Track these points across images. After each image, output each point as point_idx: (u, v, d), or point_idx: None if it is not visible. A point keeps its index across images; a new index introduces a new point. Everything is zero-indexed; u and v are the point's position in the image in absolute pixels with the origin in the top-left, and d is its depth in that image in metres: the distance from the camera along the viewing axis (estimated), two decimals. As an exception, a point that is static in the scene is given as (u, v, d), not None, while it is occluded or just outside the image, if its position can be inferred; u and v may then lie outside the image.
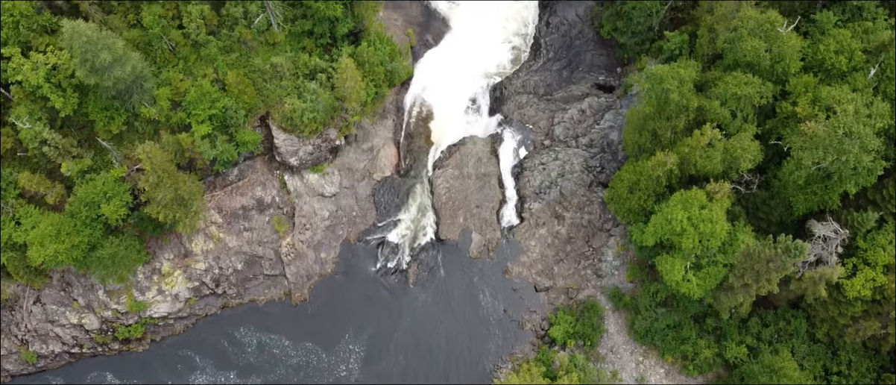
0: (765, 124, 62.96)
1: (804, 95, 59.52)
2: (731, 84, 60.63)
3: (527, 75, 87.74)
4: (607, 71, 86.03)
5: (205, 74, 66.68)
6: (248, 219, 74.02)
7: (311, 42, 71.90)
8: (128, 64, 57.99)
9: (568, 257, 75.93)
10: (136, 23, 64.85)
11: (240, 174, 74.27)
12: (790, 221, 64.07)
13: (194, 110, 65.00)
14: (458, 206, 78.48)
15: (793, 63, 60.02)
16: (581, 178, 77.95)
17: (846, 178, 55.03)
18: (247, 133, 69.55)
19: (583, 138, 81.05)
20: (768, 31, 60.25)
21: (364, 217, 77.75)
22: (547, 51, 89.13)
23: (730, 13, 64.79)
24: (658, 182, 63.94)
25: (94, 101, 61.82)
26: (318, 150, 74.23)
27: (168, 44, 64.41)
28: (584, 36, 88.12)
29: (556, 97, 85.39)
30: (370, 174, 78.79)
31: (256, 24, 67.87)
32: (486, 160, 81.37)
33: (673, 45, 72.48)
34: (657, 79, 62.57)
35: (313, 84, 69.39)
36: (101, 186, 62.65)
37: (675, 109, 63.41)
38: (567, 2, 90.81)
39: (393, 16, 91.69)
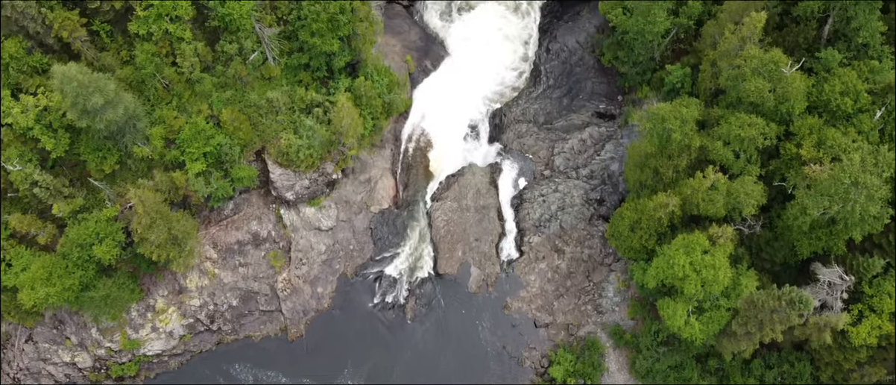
0: (768, 165, 61.88)
1: (809, 137, 58.49)
2: (734, 125, 59.57)
3: (526, 103, 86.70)
4: (608, 99, 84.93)
5: (199, 111, 65.64)
6: (243, 254, 72.95)
7: (308, 75, 70.85)
8: (120, 106, 56.95)
9: (568, 292, 74.86)
10: (130, 59, 63.80)
11: (235, 208, 73.20)
12: (794, 262, 63.04)
13: (188, 148, 63.97)
14: (457, 240, 77.41)
15: (797, 104, 58.93)
16: (581, 212, 76.87)
17: (852, 226, 53.95)
18: (242, 169, 68.50)
19: (583, 169, 79.98)
20: (772, 71, 59.17)
21: (361, 251, 76.68)
22: (547, 77, 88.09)
23: (733, 49, 63.68)
24: (660, 222, 62.91)
25: (85, 142, 60.79)
26: (315, 184, 73.18)
27: (161, 81, 63.33)
28: (585, 63, 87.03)
29: (556, 126, 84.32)
30: (368, 207, 77.72)
31: (252, 60, 66.81)
32: (485, 191, 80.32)
33: (674, 78, 71.42)
34: (659, 118, 61.51)
35: (310, 119, 68.35)
36: (93, 227, 61.62)
37: (677, 148, 62.37)
38: (567, 28, 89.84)
39: (391, 41, 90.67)
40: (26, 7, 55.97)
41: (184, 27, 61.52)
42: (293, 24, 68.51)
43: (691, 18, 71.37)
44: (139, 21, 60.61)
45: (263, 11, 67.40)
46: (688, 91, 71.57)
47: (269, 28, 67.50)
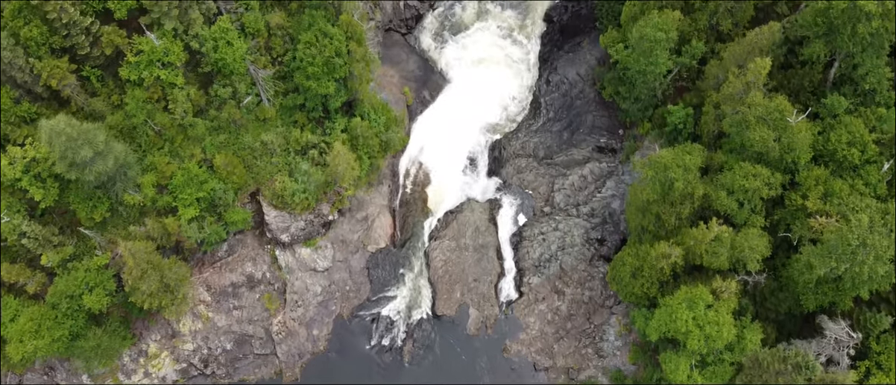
0: (773, 214, 60.55)
1: (815, 189, 57.18)
2: (738, 175, 58.27)
3: (526, 136, 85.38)
4: (609, 133, 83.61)
5: (192, 155, 64.35)
6: (237, 296, 71.62)
7: (304, 116, 69.54)
8: (110, 157, 55.59)
9: (568, 335, 73.51)
10: (121, 102, 62.46)
11: (229, 250, 71.84)
12: (799, 313, 61.70)
13: (181, 194, 62.69)
14: (455, 280, 76.08)
15: (803, 154, 57.60)
16: (582, 252, 75.52)
17: (860, 285, 52.63)
18: (236, 212, 67.23)
19: (584, 207, 78.65)
20: (777, 119, 57.86)
21: (358, 291, 75.36)
22: (547, 110, 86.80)
23: (737, 93, 62.34)
24: (661, 271, 61.57)
25: (75, 191, 59.49)
26: (311, 225, 71.85)
27: (153, 127, 62.00)
28: (585, 96, 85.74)
29: (556, 161, 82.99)
30: (364, 246, 76.39)
31: (246, 104, 65.49)
32: (484, 229, 78.99)
33: (676, 119, 70.06)
34: (661, 166, 60.23)
35: (305, 163, 67.08)
36: (82, 277, 60.34)
37: (679, 196, 61.04)
38: (567, 59, 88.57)
39: (389, 72, 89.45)
40: (14, 57, 54.70)
41: (176, 73, 60.24)
42: (288, 65, 67.32)
43: (694, 58, 70.05)
44: (130, 67, 59.36)
45: (258, 53, 66.17)
46: (690, 131, 70.26)
47: (263, 69, 66.26)
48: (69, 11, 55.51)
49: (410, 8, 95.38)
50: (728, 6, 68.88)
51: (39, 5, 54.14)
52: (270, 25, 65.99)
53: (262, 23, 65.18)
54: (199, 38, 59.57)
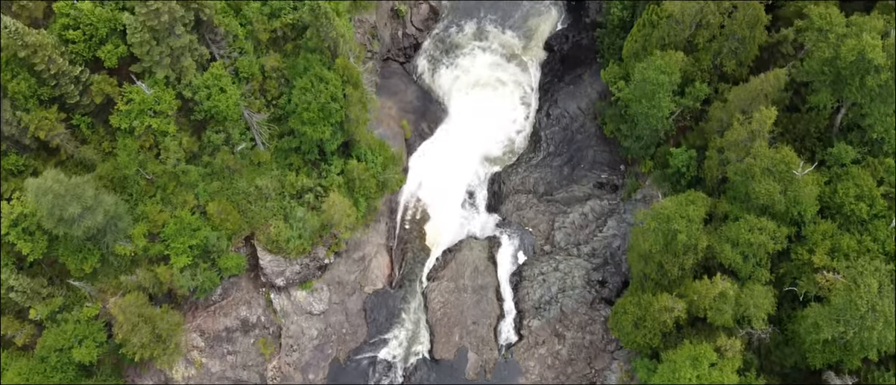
0: (779, 267, 59.20)
1: (822, 243, 55.83)
2: (743, 228, 56.91)
3: (526, 171, 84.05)
4: (610, 168, 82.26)
5: (184, 202, 62.98)
6: (231, 341, 70.26)
7: (299, 158, 68.18)
8: (99, 211, 54.24)
9: (569, 380, 72.11)
10: (112, 149, 61.09)
11: (223, 293, 70.45)
12: (805, 367, 60.30)
13: (173, 243, 61.33)
14: (454, 323, 74.73)
15: (809, 208, 56.25)
16: (583, 295, 74.16)
17: (868, 348, 51.30)
18: (230, 258, 65.89)
19: (584, 246, 77.29)
20: (783, 171, 56.51)
21: (354, 334, 73.99)
22: (547, 144, 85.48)
23: (741, 140, 61.02)
24: (664, 324, 60.23)
25: (64, 243, 58.06)
26: (307, 269, 70.50)
27: (145, 176, 60.61)
28: (586, 130, 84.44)
29: (556, 197, 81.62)
30: (361, 287, 75.05)
31: (240, 151, 64.12)
32: (483, 269, 77.63)
33: (679, 162, 68.68)
34: (664, 218, 58.94)
35: (300, 209, 65.81)
36: (72, 329, 59.05)
37: (682, 247, 59.71)
38: (568, 92, 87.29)
39: (387, 104, 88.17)
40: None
41: (168, 121, 58.85)
42: (283, 108, 66.01)
43: (697, 100, 68.73)
44: (121, 115, 57.97)
45: (252, 97, 64.84)
46: (693, 174, 68.92)
47: (257, 113, 64.97)
48: (58, 62, 54.20)
49: (409, 37, 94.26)
50: (732, 47, 67.61)
51: (27, 57, 52.75)
52: (265, 68, 64.67)
53: (256, 67, 63.87)
54: (192, 86, 58.20)
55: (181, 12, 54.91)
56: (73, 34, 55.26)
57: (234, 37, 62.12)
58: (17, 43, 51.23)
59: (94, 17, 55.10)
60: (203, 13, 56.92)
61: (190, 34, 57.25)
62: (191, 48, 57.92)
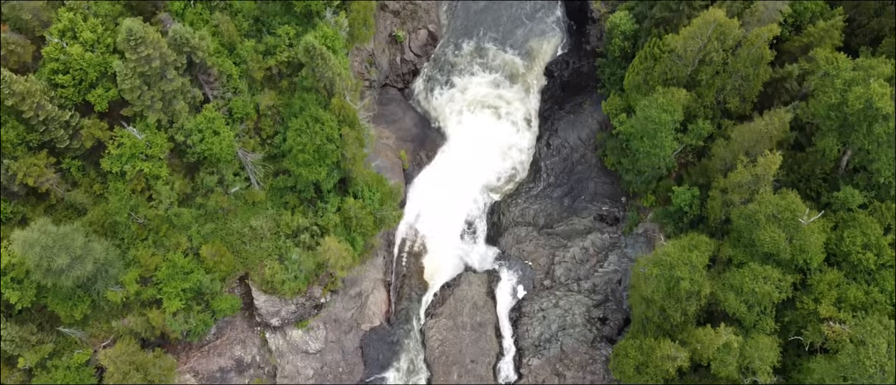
0: (783, 315, 57.93)
1: (828, 293, 54.60)
2: (747, 277, 55.70)
3: (526, 202, 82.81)
4: (611, 200, 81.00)
5: (177, 244, 61.71)
6: (226, 381, 68.96)
7: (295, 197, 66.96)
8: (88, 260, 53.03)
9: (569, 420, 70.97)
10: (103, 192, 59.85)
11: (218, 332, 69.22)
12: (811, 415, 59.12)
13: (165, 287, 60.08)
14: (452, 361, 73.48)
15: (815, 257, 55.01)
16: (583, 334, 72.94)
17: (877, 406, 50.08)
18: (224, 299, 64.65)
19: (585, 282, 76.05)
20: (788, 219, 55.26)
21: (351, 373, 72.69)
22: (547, 174, 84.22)
23: (745, 183, 59.81)
24: (667, 372, 59.01)
25: (53, 292, 56.79)
26: (302, 308, 69.28)
27: (137, 220, 59.34)
28: (587, 161, 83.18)
29: (556, 230, 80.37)
30: (358, 324, 73.79)
31: (234, 192, 62.88)
32: (482, 305, 76.38)
33: (681, 201, 67.40)
34: (667, 265, 57.73)
35: (295, 251, 64.51)
36: (62, 376, 57.83)
37: (685, 294, 58.48)
38: (569, 121, 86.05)
39: (385, 133, 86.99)
40: (-13, 160, 52.21)
41: (160, 164, 57.62)
42: (279, 146, 64.77)
43: (700, 138, 67.52)
44: (112, 159, 56.76)
45: (247, 136, 63.61)
46: (696, 213, 67.66)
47: (252, 152, 63.73)
48: (46, 108, 52.98)
49: (407, 63, 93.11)
50: (735, 84, 66.42)
51: (15, 105, 51.50)
52: (260, 107, 63.47)
53: (251, 106, 62.66)
54: (185, 130, 56.96)
55: (173, 56, 53.72)
56: (63, 79, 54.04)
57: (228, 77, 60.91)
58: (4, 92, 49.98)
59: (84, 61, 53.87)
60: (196, 56, 55.69)
61: (182, 77, 56.05)
62: (183, 91, 56.70)
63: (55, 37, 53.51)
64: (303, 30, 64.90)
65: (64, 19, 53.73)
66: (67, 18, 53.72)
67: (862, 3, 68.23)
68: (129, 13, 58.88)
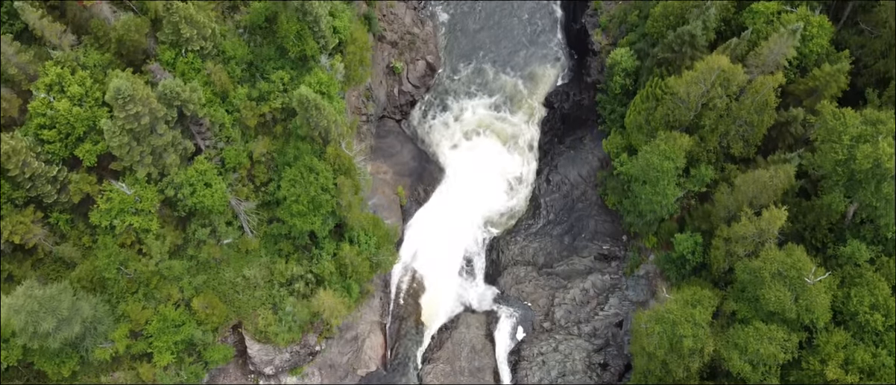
0: (789, 374, 56.53)
1: (835, 355, 53.20)
2: (752, 337, 54.32)
3: (525, 240, 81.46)
4: (612, 239, 79.61)
5: (168, 296, 60.35)
6: (219, 431, 67.71)
7: (289, 244, 65.51)
8: (76, 321, 51.72)
9: (569, 470, 69.66)
10: (93, 243, 58.44)
11: (210, 380, 67.81)
12: None
13: (156, 341, 58.73)
14: (450, 408, 72.20)
15: (822, 316, 53.62)
16: (583, 381, 71.57)
17: None
18: (216, 350, 63.31)
19: (585, 325, 74.66)
20: (794, 277, 53.86)
21: (347, 420, 71.47)
22: (547, 211, 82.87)
23: (749, 236, 58.41)
24: (669, 429, 57.76)
25: (40, 351, 55.37)
26: (297, 356, 67.91)
27: (126, 274, 57.94)
28: (587, 198, 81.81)
29: (556, 270, 78.97)
30: (354, 370, 72.38)
31: (227, 244, 61.50)
32: (480, 348, 74.97)
33: (684, 249, 65.90)
34: (669, 322, 56.39)
35: (289, 303, 63.15)
36: (49, 435, 56.54)
37: (688, 351, 57.10)
38: (569, 157, 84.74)
39: (382, 168, 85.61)
40: (-29, 221, 50.83)
41: (150, 217, 56.23)
42: (273, 194, 63.40)
43: (703, 184, 66.10)
44: (100, 213, 55.35)
45: (240, 184, 62.23)
46: (699, 260, 66.24)
47: (245, 200, 62.35)
48: (32, 165, 51.64)
49: (405, 94, 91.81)
50: (739, 130, 65.02)
51: (1, 163, 50.11)
52: (253, 155, 62.10)
53: (244, 155, 61.33)
54: (175, 184, 55.57)
55: (163, 111, 52.39)
56: (49, 134, 52.68)
57: (221, 126, 59.58)
58: (-12, 151, 48.71)
59: (72, 116, 52.51)
60: (187, 109, 54.31)
61: (173, 130, 54.70)
62: (174, 143, 55.36)
63: (42, 92, 52.15)
64: (297, 74, 63.59)
65: (51, 73, 52.38)
66: (54, 73, 52.36)
67: (868, 44, 66.99)
68: (118, 62, 57.63)
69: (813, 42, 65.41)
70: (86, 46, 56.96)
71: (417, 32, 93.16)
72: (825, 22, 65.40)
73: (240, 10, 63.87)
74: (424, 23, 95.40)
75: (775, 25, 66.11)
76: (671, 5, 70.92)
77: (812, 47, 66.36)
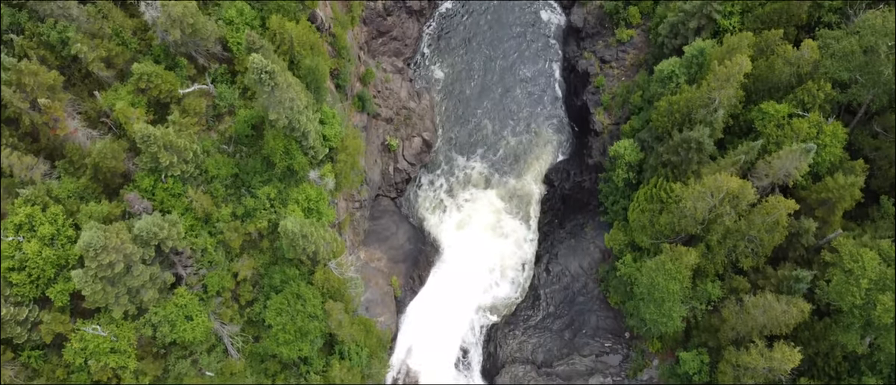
0: None
1: None
2: None
3: (524, 334, 78.54)
4: (614, 336, 76.62)
5: (147, 431, 57.24)
6: None
7: (276, 363, 62.42)
8: None
9: None
10: (68, 376, 55.35)
11: None
12: None
13: None
14: None
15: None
16: None
17: None
18: None
19: (587, 433, 71.79)
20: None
21: None
22: (547, 304, 79.94)
23: (760, 370, 55.50)
24: None
25: None
26: None
27: (102, 412, 54.95)
28: (589, 292, 78.81)
29: (556, 369, 75.95)
30: None
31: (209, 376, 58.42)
32: (476, 456, 72.16)
33: (689, 368, 63.17)
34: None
35: (276, 431, 60.11)
36: None
37: None
38: (569, 246, 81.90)
39: (376, 255, 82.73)
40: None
41: (127, 355, 53.13)
42: (259, 314, 60.33)
43: (709, 302, 63.15)
44: (74, 351, 52.19)
45: (224, 306, 59.16)
46: (705, 380, 63.35)
47: (229, 323, 59.30)
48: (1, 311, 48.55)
49: (400, 172, 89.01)
50: (749, 247, 61.99)
51: (-35, 315, 47.14)
52: (238, 276, 59.02)
53: (228, 277, 58.21)
54: (152, 322, 52.52)
55: (140, 253, 49.31)
56: (18, 277, 49.59)
57: (203, 251, 56.48)
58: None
59: (42, 259, 49.44)
60: (165, 245, 51.25)
61: (150, 267, 51.62)
62: (152, 278, 52.28)
63: (10, 233, 49.09)
64: (285, 186, 60.52)
65: (21, 214, 49.31)
66: (24, 213, 49.29)
67: (883, 147, 64.13)
68: (95, 186, 54.58)
69: (826, 151, 62.46)
70: (60, 173, 53.92)
71: (413, 106, 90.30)
72: (839, 130, 62.48)
73: (224, 119, 60.84)
74: (421, 96, 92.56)
75: (786, 131, 63.24)
76: (677, 101, 67.92)
77: (825, 156, 63.38)
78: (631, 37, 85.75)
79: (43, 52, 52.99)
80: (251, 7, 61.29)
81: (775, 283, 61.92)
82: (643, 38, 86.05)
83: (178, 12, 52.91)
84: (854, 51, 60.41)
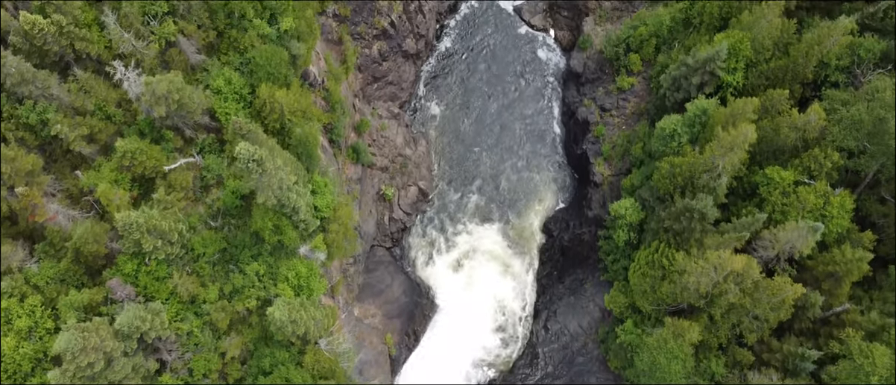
0: None
1: None
2: None
3: (522, 396, 76.68)
4: (614, 399, 74.80)
5: None
6: None
7: (265, 442, 60.57)
8: None
9: None
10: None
11: None
12: None
13: None
14: None
15: None
16: None
17: None
18: None
19: None
20: None
21: None
22: (545, 363, 78.01)
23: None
24: None
25: None
26: None
27: None
28: (588, 353, 76.85)
29: (555, 435, 74.25)
30: None
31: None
32: None
33: (694, 445, 61.26)
34: None
35: None
36: None
37: None
38: (568, 303, 79.93)
39: (371, 310, 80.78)
40: None
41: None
42: (247, 391, 58.55)
43: (713, 381, 61.21)
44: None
45: (211, 387, 57.26)
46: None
47: (217, 405, 57.36)
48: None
49: (396, 222, 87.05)
50: (755, 324, 60.06)
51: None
52: (225, 355, 57.11)
53: (214, 360, 56.27)
54: (135, 417, 50.64)
55: (121, 348, 47.39)
56: (-5, 374, 47.69)
57: (189, 334, 54.55)
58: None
59: (18, 354, 47.52)
60: (148, 337, 49.32)
61: (133, 358, 49.69)
62: (135, 369, 50.34)
63: (-14, 328, 47.23)
64: (275, 261, 58.60)
65: (-4, 308, 47.47)
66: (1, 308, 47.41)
67: (890, 213, 62.13)
68: (76, 269, 52.62)
69: (833, 222, 60.42)
70: (40, 256, 51.99)
71: (409, 154, 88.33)
72: (847, 200, 60.46)
73: (212, 190, 58.89)
74: (417, 141, 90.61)
75: (791, 200, 61.25)
76: (679, 164, 65.89)
77: (832, 227, 61.36)
78: (632, 85, 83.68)
79: (22, 134, 51.02)
80: (240, 75, 59.32)
81: (780, 358, 60.05)
82: (644, 85, 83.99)
83: (162, 89, 50.93)
84: (863, 119, 58.51)
